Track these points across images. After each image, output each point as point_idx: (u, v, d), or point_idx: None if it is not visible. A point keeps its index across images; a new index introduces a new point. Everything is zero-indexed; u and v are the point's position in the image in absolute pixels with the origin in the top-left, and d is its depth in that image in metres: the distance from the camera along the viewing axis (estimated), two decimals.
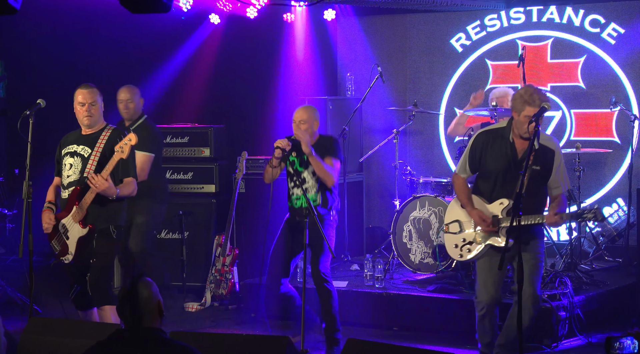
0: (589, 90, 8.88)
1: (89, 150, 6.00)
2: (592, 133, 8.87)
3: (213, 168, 8.78)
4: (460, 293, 7.14)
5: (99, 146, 5.99)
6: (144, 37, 9.58)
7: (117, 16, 8.12)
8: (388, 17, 9.66)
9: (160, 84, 9.67)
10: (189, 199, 8.75)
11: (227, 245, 8.11)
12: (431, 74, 9.51)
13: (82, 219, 5.90)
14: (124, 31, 9.40)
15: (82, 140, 6.09)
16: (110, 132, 6.08)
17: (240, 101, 9.77)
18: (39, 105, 6.02)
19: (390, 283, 7.56)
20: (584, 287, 7.28)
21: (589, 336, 6.73)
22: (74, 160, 6.05)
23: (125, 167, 5.98)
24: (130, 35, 9.52)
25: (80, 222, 5.91)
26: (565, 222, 6.98)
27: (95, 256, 6.01)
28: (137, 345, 3.65)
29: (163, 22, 9.35)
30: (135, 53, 9.71)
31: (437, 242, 7.62)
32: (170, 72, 9.74)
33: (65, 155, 6.13)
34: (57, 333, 4.80)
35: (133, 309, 3.69)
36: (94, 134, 6.07)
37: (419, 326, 7.03)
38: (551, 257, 7.94)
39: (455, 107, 9.36)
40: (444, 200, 7.65)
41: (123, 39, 9.60)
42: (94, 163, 5.95)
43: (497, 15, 9.23)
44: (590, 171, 8.46)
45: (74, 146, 6.09)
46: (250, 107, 9.70)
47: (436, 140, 9.49)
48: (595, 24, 8.85)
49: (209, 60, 9.78)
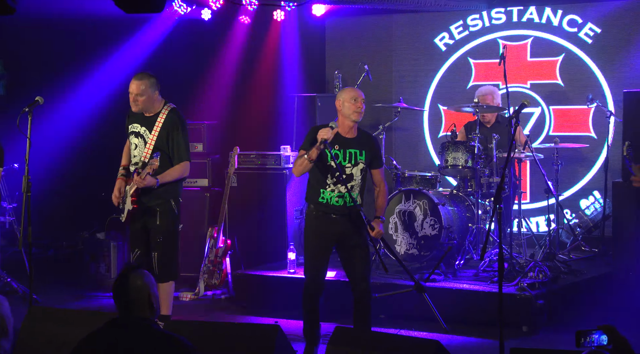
0: (567, 87, 8.90)
1: (148, 133, 6.30)
2: (569, 129, 8.89)
3: (206, 163, 8.77)
4: (443, 282, 7.16)
5: (156, 129, 6.28)
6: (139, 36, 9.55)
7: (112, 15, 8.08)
8: (375, 17, 9.65)
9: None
10: (183, 192, 8.70)
11: (219, 237, 8.11)
12: (416, 72, 9.51)
13: (134, 197, 6.23)
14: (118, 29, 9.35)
15: (144, 121, 6.37)
16: (167, 113, 6.33)
17: (232, 98, 9.74)
18: (37, 102, 6.00)
19: (377, 272, 7.56)
20: (562, 276, 7.31)
21: (566, 323, 6.76)
22: (138, 141, 6.36)
23: (178, 151, 6.28)
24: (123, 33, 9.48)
25: (132, 198, 6.25)
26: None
27: (160, 234, 6.31)
28: (128, 335, 3.64)
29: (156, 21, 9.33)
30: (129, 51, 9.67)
31: (421, 234, 7.63)
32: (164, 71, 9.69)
33: (131, 133, 6.41)
34: (56, 322, 4.79)
35: (124, 299, 3.68)
36: (152, 117, 6.34)
37: (403, 314, 7.03)
38: (530, 248, 7.98)
39: (439, 104, 9.37)
40: (428, 193, 7.66)
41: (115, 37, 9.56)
42: (150, 146, 6.27)
43: (479, 16, 9.24)
44: (568, 165, 8.48)
45: (138, 126, 6.38)
46: (243, 104, 9.68)
47: (421, 136, 9.49)
48: (572, 24, 8.86)
49: (201, 58, 9.75)
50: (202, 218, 8.62)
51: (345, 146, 5.82)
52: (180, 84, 9.68)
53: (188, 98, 9.76)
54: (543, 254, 7.60)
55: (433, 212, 7.59)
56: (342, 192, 5.79)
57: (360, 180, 5.88)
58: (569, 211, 8.66)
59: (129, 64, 9.34)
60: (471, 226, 7.68)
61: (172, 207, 6.36)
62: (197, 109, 9.62)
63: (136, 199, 6.24)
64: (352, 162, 5.83)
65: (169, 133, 6.29)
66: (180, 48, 9.73)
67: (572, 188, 8.81)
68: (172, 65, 9.61)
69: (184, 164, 6.35)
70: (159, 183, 6.22)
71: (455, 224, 7.63)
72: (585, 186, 8.82)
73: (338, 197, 5.80)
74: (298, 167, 5.77)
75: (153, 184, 6.20)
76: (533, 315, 6.67)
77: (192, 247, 8.44)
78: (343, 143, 5.82)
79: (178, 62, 9.75)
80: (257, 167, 8.54)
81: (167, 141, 6.30)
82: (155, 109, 6.33)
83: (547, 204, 7.91)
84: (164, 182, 6.27)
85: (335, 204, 5.81)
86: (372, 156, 5.90)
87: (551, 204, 7.92)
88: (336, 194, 5.80)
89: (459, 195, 7.91)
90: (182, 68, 9.72)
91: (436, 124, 9.42)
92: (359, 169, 5.85)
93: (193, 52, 9.84)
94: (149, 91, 6.25)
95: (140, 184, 6.16)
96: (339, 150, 5.79)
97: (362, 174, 5.87)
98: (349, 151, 5.82)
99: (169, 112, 6.33)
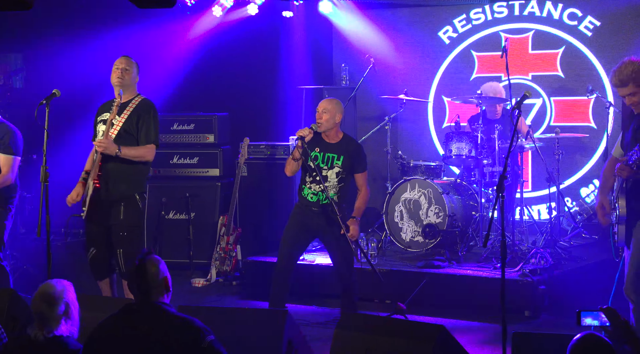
0: (568, 79, 8.86)
1: (117, 117, 6.05)
2: (570, 119, 8.86)
3: (217, 153, 8.77)
4: (448, 268, 7.15)
5: (126, 112, 6.07)
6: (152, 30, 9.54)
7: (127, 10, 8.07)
8: (380, 11, 9.62)
9: (167, 74, 9.63)
10: (195, 182, 8.75)
11: (230, 225, 8.12)
12: (420, 64, 9.48)
13: (96, 179, 5.95)
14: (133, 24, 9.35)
15: (113, 108, 6.10)
16: (140, 101, 6.14)
17: (242, 90, 9.74)
18: (55, 94, 6.00)
19: (383, 259, 7.57)
20: (563, 262, 7.30)
21: (567, 308, 6.74)
22: (104, 127, 6.08)
23: (146, 133, 6.06)
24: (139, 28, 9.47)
25: (94, 181, 5.97)
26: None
27: (125, 229, 6.02)
28: (145, 318, 3.66)
29: (169, 16, 9.31)
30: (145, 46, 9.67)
31: (426, 222, 7.62)
32: (176, 63, 9.70)
33: (99, 122, 6.19)
34: None
35: (141, 285, 3.70)
36: (124, 103, 6.11)
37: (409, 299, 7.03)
38: (532, 235, 7.96)
39: (443, 95, 9.34)
40: (433, 182, 7.65)
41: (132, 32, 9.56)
42: (117, 128, 6.02)
43: (481, 9, 9.20)
44: (569, 155, 8.46)
45: (106, 114, 6.14)
46: (252, 96, 9.68)
47: (425, 126, 9.47)
48: (573, 17, 8.82)
49: (213, 53, 9.74)
50: (213, 207, 8.63)
51: (324, 150, 6.15)
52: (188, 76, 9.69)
53: (199, 90, 9.77)
54: (544, 241, 7.59)
55: (437, 200, 7.58)
56: (315, 190, 6.09)
57: (337, 182, 6.12)
58: (569, 199, 8.64)
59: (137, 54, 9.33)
60: (474, 214, 7.67)
61: (137, 201, 6.06)
62: (208, 100, 9.62)
63: (98, 180, 5.93)
64: (328, 165, 6.12)
65: (140, 116, 6.06)
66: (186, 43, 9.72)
67: (572, 177, 8.79)
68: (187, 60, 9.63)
69: (150, 146, 6.07)
70: (121, 151, 5.91)
71: (459, 212, 7.62)
72: (585, 174, 8.79)
73: (313, 194, 6.12)
74: (286, 166, 6.16)
75: (114, 150, 5.89)
76: (535, 300, 6.67)
77: (204, 235, 8.46)
78: (323, 147, 6.15)
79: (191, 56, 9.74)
80: (267, 158, 8.54)
81: (137, 123, 6.06)
82: (130, 95, 6.15)
83: (548, 193, 7.89)
84: (126, 155, 5.94)
85: (310, 200, 6.12)
86: (351, 162, 6.14)
87: (552, 192, 7.90)
88: (312, 192, 6.12)
89: (463, 184, 7.90)
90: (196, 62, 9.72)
91: (440, 115, 9.40)
92: (334, 172, 6.12)
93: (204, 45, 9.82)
94: (134, 71, 6.15)
95: (102, 144, 5.88)
96: (319, 152, 6.13)
97: (338, 177, 6.13)
98: (327, 155, 6.14)
99: (142, 100, 6.17)
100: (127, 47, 9.59)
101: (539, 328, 6.44)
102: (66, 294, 3.84)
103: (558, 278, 6.96)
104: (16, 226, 7.80)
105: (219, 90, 9.79)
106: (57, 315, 3.78)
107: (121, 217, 6.02)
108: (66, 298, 3.82)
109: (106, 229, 6.08)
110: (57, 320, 3.78)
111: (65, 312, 3.80)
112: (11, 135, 6.40)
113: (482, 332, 6.40)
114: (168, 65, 9.62)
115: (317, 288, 7.32)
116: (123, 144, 6.00)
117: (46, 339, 3.75)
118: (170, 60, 9.62)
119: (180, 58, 9.66)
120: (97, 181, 5.96)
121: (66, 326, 3.81)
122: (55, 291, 3.82)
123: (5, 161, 6.36)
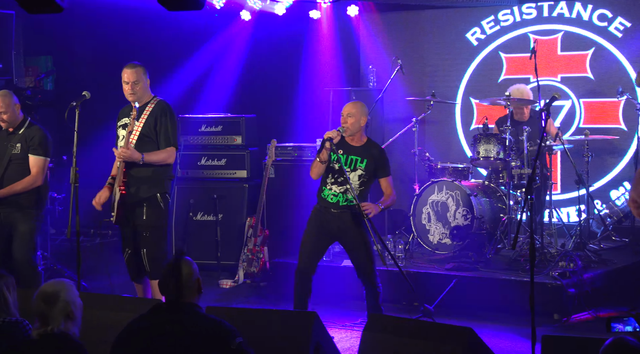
0: (597, 80, 8.78)
1: (135, 122, 6.09)
2: (600, 121, 8.77)
3: (245, 155, 8.79)
4: (476, 271, 7.10)
5: (143, 116, 6.11)
6: (181, 33, 9.59)
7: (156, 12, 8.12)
8: (407, 12, 9.59)
9: (196, 76, 9.68)
10: (223, 183, 8.77)
11: (258, 226, 8.13)
12: (448, 66, 9.44)
13: (121, 185, 6.00)
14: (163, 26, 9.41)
15: (131, 119, 6.14)
16: (156, 103, 6.17)
17: (270, 92, 9.76)
18: (85, 96, 6.05)
19: (410, 261, 7.54)
20: (592, 265, 7.22)
21: (597, 311, 6.68)
22: (124, 132, 6.15)
23: (166, 137, 6.10)
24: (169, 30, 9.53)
25: (119, 187, 6.02)
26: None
27: (147, 229, 6.08)
28: (175, 319, 3.68)
29: (198, 19, 9.36)
30: (173, 47, 9.73)
31: (454, 224, 7.58)
32: (205, 66, 9.74)
33: (119, 127, 6.25)
34: (103, 307, 4.83)
35: (175, 285, 3.72)
36: (141, 107, 6.16)
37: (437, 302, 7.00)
38: (561, 238, 7.89)
39: (470, 97, 9.29)
40: (460, 184, 7.60)
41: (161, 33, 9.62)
42: (136, 134, 6.06)
43: (510, 11, 9.14)
44: (598, 157, 8.36)
45: (126, 119, 6.20)
46: (280, 98, 9.69)
47: (453, 128, 9.42)
48: (603, 18, 8.73)
49: (241, 55, 9.77)
50: (241, 208, 8.65)
51: (348, 152, 6.10)
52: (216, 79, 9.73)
53: (227, 91, 9.80)
54: (574, 243, 7.52)
55: (465, 202, 7.54)
56: (336, 192, 6.03)
57: (358, 185, 6.09)
58: (599, 201, 8.54)
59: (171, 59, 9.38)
60: (502, 217, 7.61)
61: (159, 201, 6.12)
62: (236, 102, 9.65)
63: (124, 186, 5.99)
64: (351, 167, 6.08)
65: (157, 119, 6.10)
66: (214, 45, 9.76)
67: (602, 179, 8.69)
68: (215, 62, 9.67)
69: (170, 149, 6.12)
70: (144, 158, 5.97)
71: (487, 215, 7.57)
72: (615, 176, 8.70)
73: (333, 196, 6.07)
74: (312, 169, 6.09)
75: (138, 158, 5.95)
76: (564, 303, 6.60)
77: (232, 236, 8.48)
78: (347, 149, 6.10)
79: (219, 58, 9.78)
80: (294, 159, 8.55)
81: (155, 127, 6.10)
82: (145, 99, 6.19)
83: (577, 195, 7.81)
84: (149, 161, 6.01)
85: (330, 202, 6.08)
86: (375, 165, 6.11)
87: (582, 194, 7.82)
88: (332, 193, 6.08)
89: (491, 186, 7.85)
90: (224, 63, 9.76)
91: (468, 117, 9.35)
92: (357, 175, 6.09)
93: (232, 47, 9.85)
94: (143, 78, 6.16)
95: (124, 155, 5.94)
96: (342, 154, 6.08)
97: (359, 180, 6.10)
98: (350, 157, 6.09)
99: (157, 102, 6.19)
100: (156, 49, 9.69)
101: (569, 331, 6.37)
102: (66, 294, 3.85)
103: (588, 281, 6.88)
104: (46, 227, 7.86)
105: (246, 91, 9.82)
106: (55, 314, 3.79)
107: (144, 217, 6.09)
108: (66, 297, 3.83)
109: (134, 230, 6.14)
110: (57, 319, 3.79)
111: (65, 311, 3.81)
112: (41, 137, 6.46)
113: (511, 335, 6.35)
114: (196, 67, 9.67)
115: (343, 290, 7.29)
116: (143, 148, 6.05)
117: (47, 336, 3.76)
118: (198, 62, 9.67)
119: (208, 60, 9.70)
120: (123, 187, 6.03)
121: (67, 325, 3.82)
122: (54, 290, 3.83)
123: (35, 162, 6.42)
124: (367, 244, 6.02)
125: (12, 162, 6.43)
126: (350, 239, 6.08)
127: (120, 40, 9.79)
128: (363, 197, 6.13)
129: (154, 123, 6.11)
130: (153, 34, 9.64)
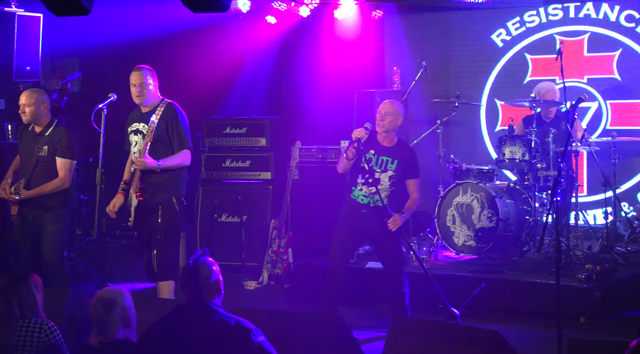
0: (624, 82, 8.69)
1: (147, 126, 6.13)
2: (627, 122, 8.68)
3: (269, 157, 8.80)
4: (501, 274, 7.05)
5: (153, 122, 6.12)
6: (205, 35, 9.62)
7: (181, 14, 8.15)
8: (431, 14, 9.55)
9: (221, 79, 9.71)
10: (247, 185, 8.79)
11: (282, 228, 8.13)
12: (473, 67, 9.39)
13: (138, 192, 6.04)
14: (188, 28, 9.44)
15: (142, 118, 6.24)
16: (165, 106, 6.20)
17: (294, 93, 9.76)
18: (111, 98, 6.09)
19: (435, 263, 7.50)
20: (619, 268, 7.14)
21: (623, 314, 6.61)
22: (137, 138, 6.20)
23: (179, 140, 6.13)
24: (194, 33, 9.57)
25: (136, 194, 6.06)
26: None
27: (161, 232, 6.13)
28: (195, 319, 3.68)
29: (223, 21, 9.38)
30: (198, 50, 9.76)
31: (478, 226, 7.54)
32: (230, 69, 9.77)
33: (130, 132, 6.29)
34: None
35: (193, 286, 3.73)
36: (150, 111, 6.20)
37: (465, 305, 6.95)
38: (587, 240, 7.81)
39: (495, 99, 9.23)
40: (485, 186, 7.55)
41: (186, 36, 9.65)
42: (150, 139, 6.07)
43: (536, 12, 9.07)
44: (625, 159, 8.28)
45: (136, 124, 6.25)
46: (304, 99, 9.69)
47: (478, 130, 9.37)
48: (630, 19, 8.64)
49: (265, 57, 9.78)
50: (265, 210, 8.66)
51: (379, 153, 6.08)
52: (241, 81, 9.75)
53: (253, 94, 9.82)
54: (600, 246, 7.44)
55: (490, 204, 7.50)
56: (367, 192, 6.04)
57: (389, 186, 6.07)
58: (626, 203, 8.45)
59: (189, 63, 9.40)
60: (528, 219, 7.55)
61: (174, 204, 6.17)
62: (260, 104, 9.66)
63: (141, 193, 6.06)
64: (381, 168, 6.07)
65: (168, 123, 6.15)
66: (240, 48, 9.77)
67: (629, 181, 8.60)
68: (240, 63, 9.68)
69: (185, 151, 6.19)
70: (160, 166, 6.04)
71: (512, 217, 7.51)
72: None
73: (364, 197, 6.07)
74: (339, 164, 6.08)
75: (154, 167, 6.02)
76: (591, 306, 6.54)
77: (256, 238, 8.49)
78: (378, 149, 6.09)
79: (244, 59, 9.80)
80: (318, 161, 8.55)
81: (167, 131, 6.14)
82: (154, 102, 6.23)
83: (604, 197, 7.74)
84: (166, 166, 6.07)
85: (360, 202, 6.07)
86: (404, 166, 6.09)
87: (608, 197, 7.74)
88: (363, 193, 6.07)
89: (516, 188, 7.79)
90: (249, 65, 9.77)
91: (493, 119, 9.29)
92: (387, 176, 6.07)
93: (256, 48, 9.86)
94: (150, 82, 6.20)
95: (141, 165, 5.99)
96: (373, 155, 6.06)
97: (390, 181, 6.07)
98: (381, 158, 6.09)
99: (166, 106, 6.23)
100: (180, 52, 9.74)
101: (595, 334, 6.30)
102: (123, 300, 3.89)
103: (614, 284, 6.81)
104: (73, 228, 7.92)
105: (271, 93, 9.83)
106: (114, 320, 3.83)
107: (159, 220, 6.14)
108: (123, 304, 3.88)
109: (149, 233, 6.19)
110: (114, 325, 3.83)
111: (123, 317, 3.85)
112: (67, 139, 6.51)
113: (537, 338, 6.29)
114: (221, 69, 9.69)
115: (367, 292, 7.27)
116: (157, 153, 6.09)
117: (105, 344, 3.80)
118: (223, 64, 9.69)
119: (233, 62, 9.72)
120: (140, 194, 6.08)
121: (124, 331, 3.87)
122: (112, 297, 3.87)
123: (62, 164, 6.47)
124: (397, 244, 6.01)
125: (39, 164, 6.48)
126: (380, 239, 6.07)
127: (146, 42, 9.83)
128: (394, 198, 6.10)
129: (165, 127, 6.15)
130: (177, 36, 9.68)
